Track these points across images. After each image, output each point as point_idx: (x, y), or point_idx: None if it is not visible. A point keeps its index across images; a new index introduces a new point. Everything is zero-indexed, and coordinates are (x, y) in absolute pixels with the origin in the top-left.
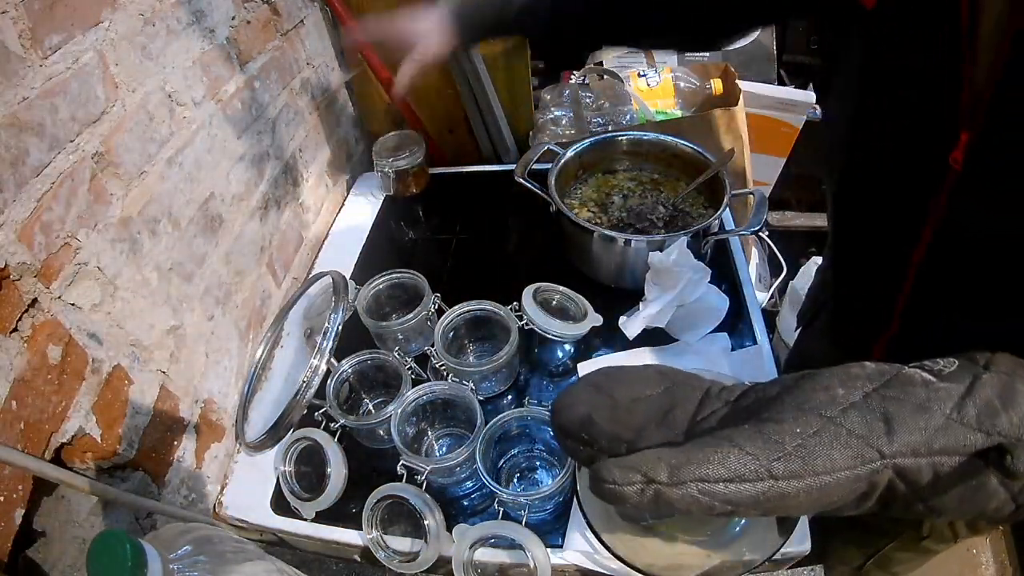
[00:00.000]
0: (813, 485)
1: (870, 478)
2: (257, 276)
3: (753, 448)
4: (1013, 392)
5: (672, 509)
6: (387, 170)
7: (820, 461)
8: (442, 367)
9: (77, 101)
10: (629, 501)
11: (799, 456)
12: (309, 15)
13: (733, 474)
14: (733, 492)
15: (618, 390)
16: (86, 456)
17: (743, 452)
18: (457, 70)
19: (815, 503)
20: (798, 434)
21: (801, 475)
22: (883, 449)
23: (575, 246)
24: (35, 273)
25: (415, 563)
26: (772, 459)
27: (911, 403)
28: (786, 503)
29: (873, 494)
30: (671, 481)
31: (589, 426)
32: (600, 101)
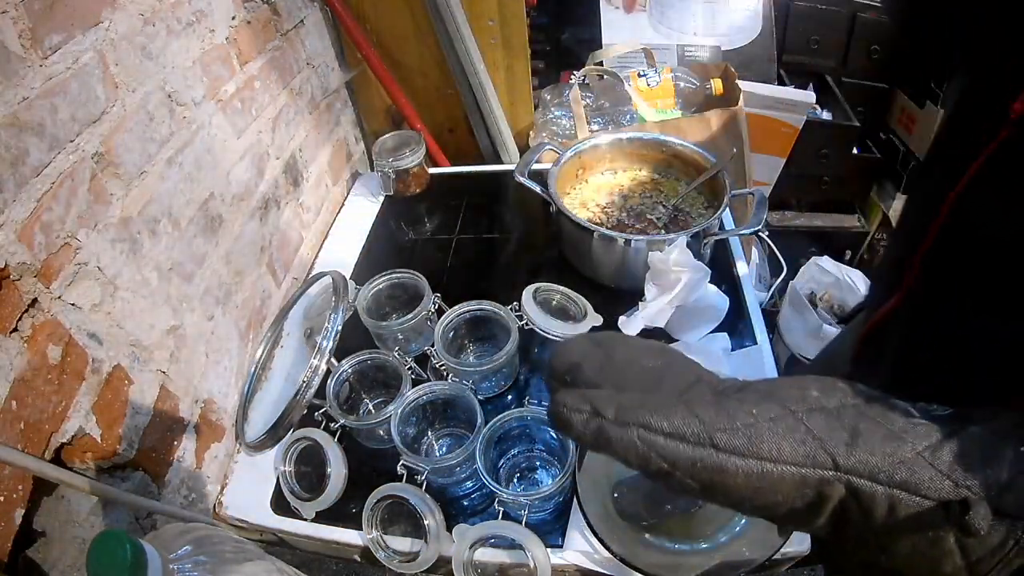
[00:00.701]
0: (753, 469)
1: (820, 486)
2: (257, 276)
3: (703, 413)
4: (999, 455)
5: (610, 449)
6: (387, 170)
7: (767, 446)
8: (442, 367)
9: (77, 101)
10: (573, 429)
11: (745, 434)
12: (309, 15)
13: (675, 430)
14: (671, 448)
15: (616, 351)
16: (86, 456)
17: (691, 414)
18: (457, 70)
19: (755, 492)
20: (753, 415)
21: (743, 453)
22: (838, 459)
23: (575, 246)
24: (35, 273)
25: (415, 563)
26: (716, 428)
27: (885, 428)
28: (724, 480)
29: (823, 507)
30: (615, 420)
31: (576, 372)
32: (600, 101)
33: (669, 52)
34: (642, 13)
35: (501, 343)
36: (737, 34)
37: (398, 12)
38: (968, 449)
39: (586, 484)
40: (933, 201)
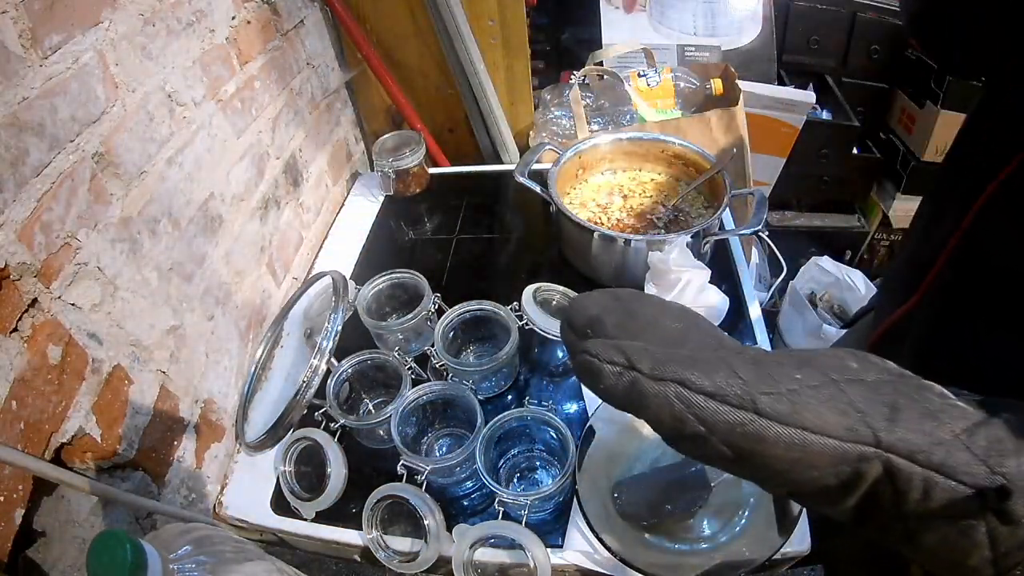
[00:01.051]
0: (795, 439)
1: (858, 464)
2: (257, 276)
3: (746, 374)
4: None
5: (643, 405)
6: (387, 170)
7: (810, 415)
8: (442, 367)
9: (77, 101)
10: (605, 380)
11: (790, 399)
12: (309, 15)
13: (716, 389)
14: (711, 410)
15: (638, 308)
16: (86, 456)
17: (734, 373)
18: (457, 70)
19: (793, 465)
20: (797, 379)
21: (786, 421)
22: (880, 435)
23: (575, 246)
24: (35, 273)
25: (415, 563)
26: (761, 391)
27: (922, 406)
28: (762, 449)
29: (857, 487)
30: (651, 373)
31: (596, 325)
32: (600, 101)
33: (669, 52)
34: (642, 13)
35: (501, 343)
36: (737, 34)
37: (398, 12)
38: (1002, 435)
39: (586, 484)
40: (951, 213)
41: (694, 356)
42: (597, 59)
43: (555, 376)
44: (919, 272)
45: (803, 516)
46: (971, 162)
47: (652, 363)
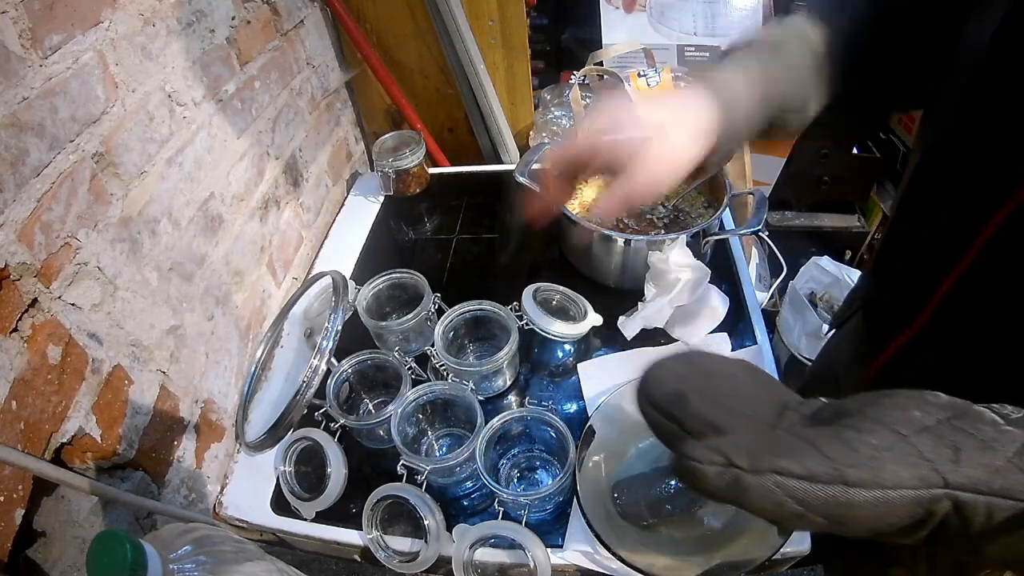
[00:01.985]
0: (879, 498)
1: (930, 504)
2: (257, 276)
3: (830, 451)
4: None
5: (746, 497)
6: (387, 170)
7: (888, 475)
8: (442, 367)
9: (77, 101)
10: (708, 482)
11: (870, 467)
12: (309, 15)
13: (808, 472)
14: (806, 491)
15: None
16: (86, 456)
17: (820, 453)
18: (457, 70)
19: (877, 519)
20: (873, 445)
21: (869, 485)
22: (947, 477)
23: (575, 246)
24: (35, 273)
25: (415, 563)
26: (847, 464)
27: (978, 439)
28: (852, 513)
29: (928, 523)
30: (751, 468)
31: (682, 403)
32: (600, 101)
33: (669, 52)
34: (642, 13)
35: (501, 343)
36: (737, 34)
37: (398, 12)
38: None
39: (586, 484)
40: (949, 241)
41: (784, 442)
42: (597, 59)
43: (555, 376)
44: (919, 296)
45: None
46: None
47: (749, 458)
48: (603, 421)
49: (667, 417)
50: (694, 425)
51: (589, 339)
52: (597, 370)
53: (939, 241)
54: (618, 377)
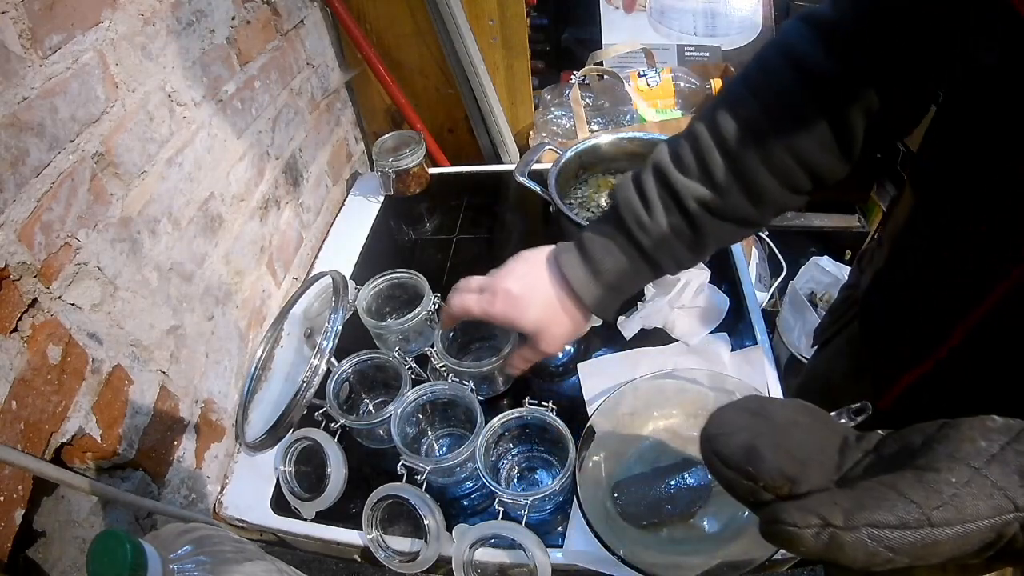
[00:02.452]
0: (960, 533)
1: (1002, 529)
2: (257, 276)
3: (916, 496)
4: None
5: (842, 554)
6: (387, 170)
7: (970, 510)
8: (442, 367)
9: (77, 101)
10: (805, 544)
11: (954, 505)
12: (309, 15)
13: (900, 521)
14: (897, 539)
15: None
16: (86, 456)
17: (908, 500)
18: (457, 70)
19: (955, 550)
20: (953, 483)
21: (952, 523)
22: (1018, 502)
23: None
24: (35, 273)
25: (415, 563)
26: (933, 507)
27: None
28: (936, 550)
29: (998, 544)
30: (846, 525)
31: (756, 459)
32: (600, 101)
33: (669, 52)
34: (642, 13)
35: (501, 344)
36: (737, 34)
37: (398, 12)
38: None
39: (586, 484)
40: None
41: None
42: (597, 59)
43: (555, 376)
44: (931, 336)
45: None
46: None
47: (844, 515)
48: (603, 421)
49: (743, 475)
50: (769, 479)
51: (589, 339)
52: (597, 370)
53: (963, 278)
54: (618, 377)
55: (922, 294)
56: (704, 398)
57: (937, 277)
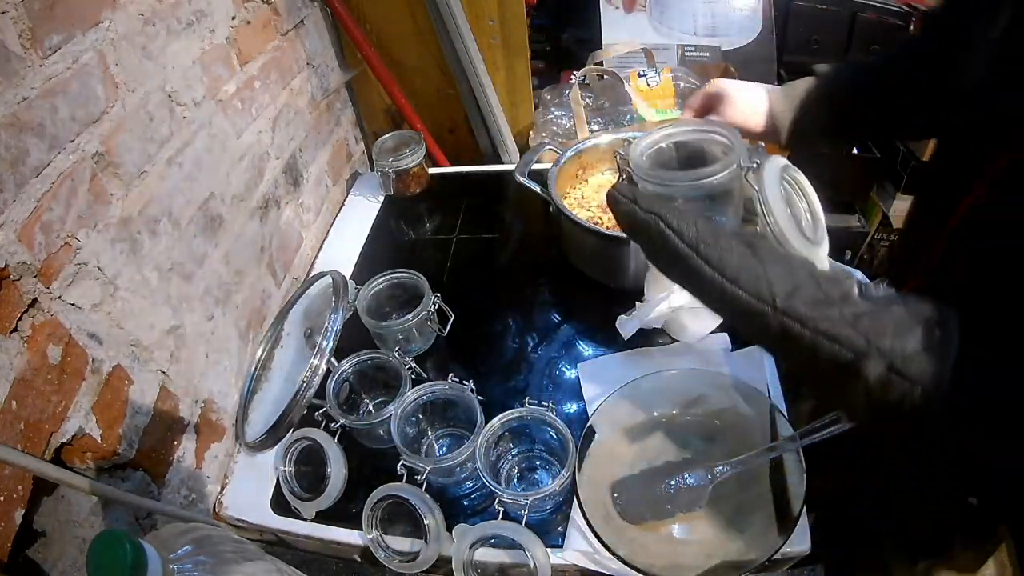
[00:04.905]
0: (715, 280)
1: (761, 316)
2: (257, 276)
3: (701, 229)
4: (910, 328)
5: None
6: (387, 170)
7: (730, 269)
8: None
9: (77, 101)
10: (618, 205)
11: (719, 253)
12: (309, 15)
13: (677, 230)
14: (671, 242)
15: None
16: (86, 456)
17: (695, 229)
18: (457, 70)
19: (718, 299)
20: (732, 247)
21: (713, 265)
22: (777, 300)
23: (575, 246)
24: (35, 273)
25: (415, 563)
26: (703, 242)
27: (825, 292)
28: (700, 283)
29: (765, 333)
30: (643, 208)
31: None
32: (600, 101)
33: (669, 52)
34: (642, 13)
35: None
36: (737, 34)
37: (398, 12)
38: (885, 322)
39: (586, 484)
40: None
41: (680, 211)
42: (597, 59)
43: (555, 376)
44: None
45: (803, 516)
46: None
47: (645, 203)
48: (603, 421)
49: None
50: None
51: (589, 339)
52: (597, 370)
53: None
54: (618, 377)
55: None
56: (704, 398)
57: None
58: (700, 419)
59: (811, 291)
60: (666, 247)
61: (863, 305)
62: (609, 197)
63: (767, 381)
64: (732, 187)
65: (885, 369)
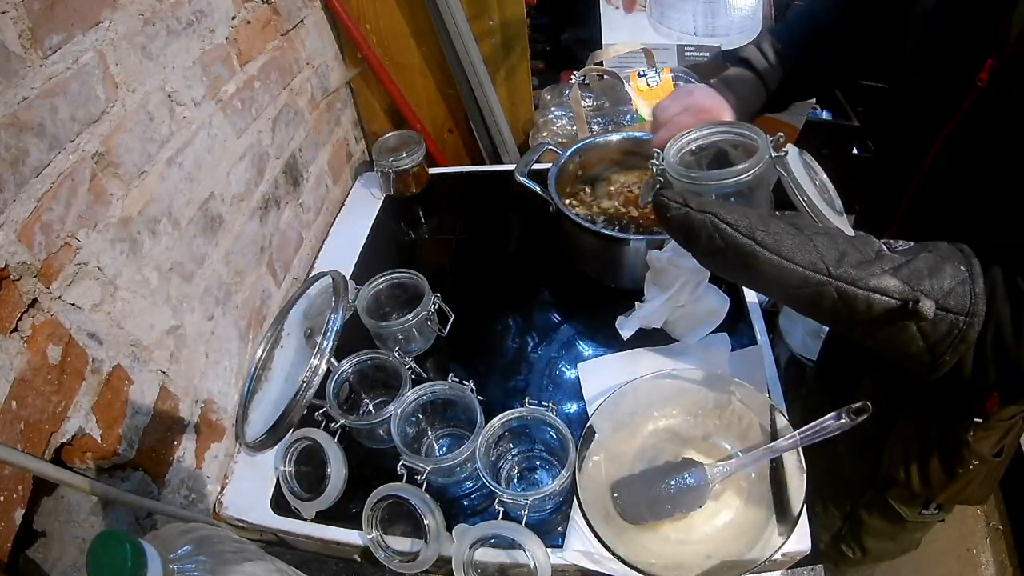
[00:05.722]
0: (774, 261)
1: (817, 286)
2: (257, 276)
3: (753, 220)
4: (940, 269)
5: (692, 226)
6: (387, 170)
7: (786, 249)
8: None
9: (77, 101)
10: (670, 210)
11: (774, 238)
12: (309, 15)
13: (734, 223)
14: (728, 233)
15: None
16: (86, 456)
17: (748, 219)
18: (457, 70)
19: (775, 280)
20: (782, 230)
21: (769, 248)
22: (831, 269)
23: (575, 246)
24: (35, 273)
25: (415, 563)
26: (758, 229)
27: (864, 253)
28: (757, 265)
29: (821, 302)
30: (697, 208)
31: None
32: (600, 101)
33: (669, 52)
34: (642, 13)
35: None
36: (737, 34)
37: (398, 12)
38: (920, 268)
39: (586, 484)
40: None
41: (724, 204)
42: (597, 59)
43: (555, 376)
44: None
45: (803, 516)
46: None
47: (697, 203)
48: (603, 421)
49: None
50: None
51: (590, 338)
52: (597, 370)
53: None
54: (618, 377)
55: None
56: (704, 398)
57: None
58: (700, 419)
59: (855, 255)
60: (724, 240)
61: (897, 258)
62: (658, 204)
63: (767, 381)
64: (764, 179)
65: (933, 307)
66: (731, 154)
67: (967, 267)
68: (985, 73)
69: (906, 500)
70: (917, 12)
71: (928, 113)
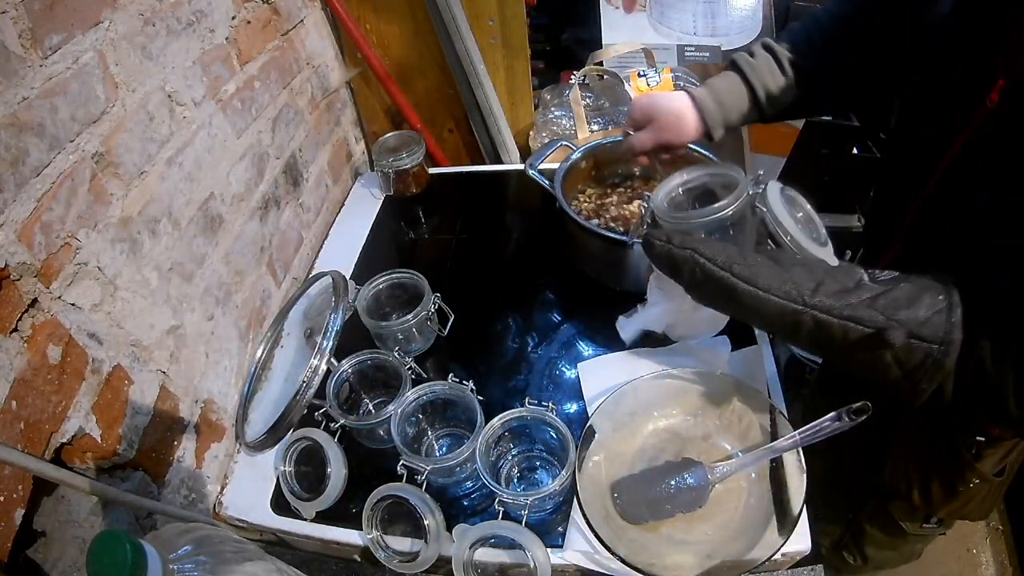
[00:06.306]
0: (751, 292)
1: (794, 316)
2: (257, 276)
3: (731, 255)
4: (918, 298)
5: (673, 261)
6: (387, 170)
7: (763, 280)
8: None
9: (77, 101)
10: (654, 248)
11: (750, 270)
12: (309, 15)
13: (711, 256)
14: (707, 268)
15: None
16: (86, 456)
17: (725, 253)
18: (457, 70)
19: (754, 310)
20: (759, 262)
21: (748, 280)
22: (806, 298)
23: (578, 247)
24: (35, 273)
25: (415, 563)
26: (734, 263)
27: (843, 283)
28: (736, 297)
29: (799, 330)
30: (679, 245)
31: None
32: (600, 101)
33: (669, 52)
34: (642, 13)
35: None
36: (737, 34)
37: (398, 12)
38: (898, 297)
39: (586, 484)
40: (914, 179)
41: (705, 241)
42: (597, 59)
43: (555, 376)
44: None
45: (803, 516)
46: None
47: (680, 240)
48: (603, 421)
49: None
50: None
51: (590, 338)
52: (597, 370)
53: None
54: (618, 377)
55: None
56: (704, 398)
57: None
58: (700, 419)
59: (831, 284)
60: (704, 273)
61: (876, 287)
62: (645, 242)
63: (767, 381)
64: (745, 214)
65: (905, 336)
66: (718, 193)
67: (946, 296)
68: (996, 93)
69: (907, 513)
70: (928, 23)
71: (938, 128)
